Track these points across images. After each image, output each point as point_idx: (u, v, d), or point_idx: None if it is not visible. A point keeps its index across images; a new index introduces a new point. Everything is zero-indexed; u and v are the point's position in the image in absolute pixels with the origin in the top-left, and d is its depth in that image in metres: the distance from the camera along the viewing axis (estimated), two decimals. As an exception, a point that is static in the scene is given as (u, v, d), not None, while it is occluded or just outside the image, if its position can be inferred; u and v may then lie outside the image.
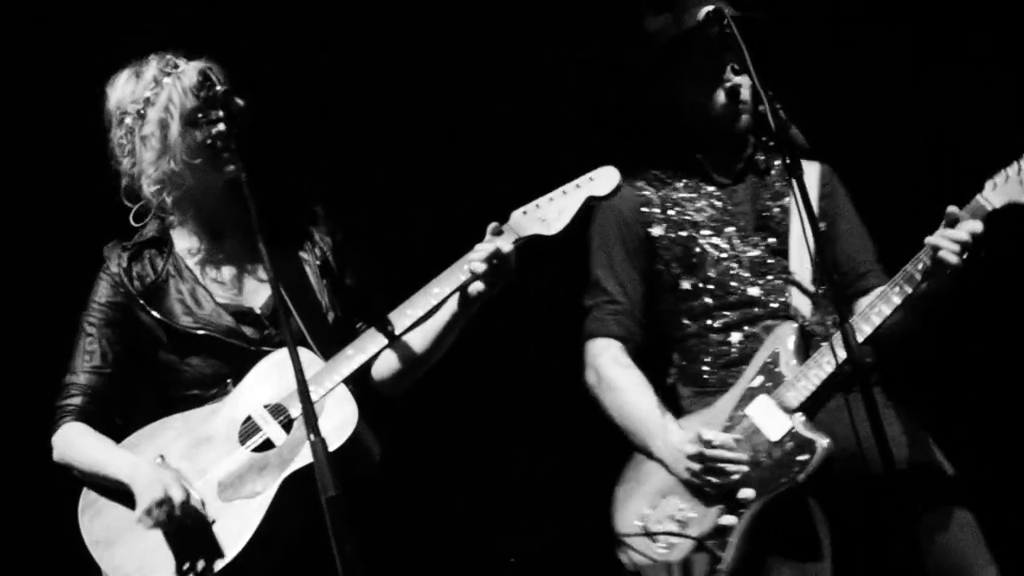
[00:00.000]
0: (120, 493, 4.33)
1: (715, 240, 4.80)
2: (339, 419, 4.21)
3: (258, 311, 4.46)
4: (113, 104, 4.47)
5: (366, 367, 4.34)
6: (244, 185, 4.02)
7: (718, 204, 4.84)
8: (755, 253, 4.79)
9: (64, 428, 4.46)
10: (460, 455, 5.95)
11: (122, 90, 4.46)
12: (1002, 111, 5.82)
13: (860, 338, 4.52)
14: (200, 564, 4.20)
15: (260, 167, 4.36)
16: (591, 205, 4.38)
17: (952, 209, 4.56)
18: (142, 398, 4.52)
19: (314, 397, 4.12)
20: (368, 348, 4.30)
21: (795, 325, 4.71)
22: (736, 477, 4.54)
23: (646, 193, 4.85)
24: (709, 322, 4.78)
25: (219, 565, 4.19)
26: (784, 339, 4.69)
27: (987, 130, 5.71)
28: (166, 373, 4.46)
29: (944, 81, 5.89)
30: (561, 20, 5.87)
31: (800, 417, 4.58)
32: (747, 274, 4.77)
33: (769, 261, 4.80)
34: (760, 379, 4.67)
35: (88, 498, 4.40)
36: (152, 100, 4.40)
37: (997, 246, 4.60)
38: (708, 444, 4.57)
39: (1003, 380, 6.10)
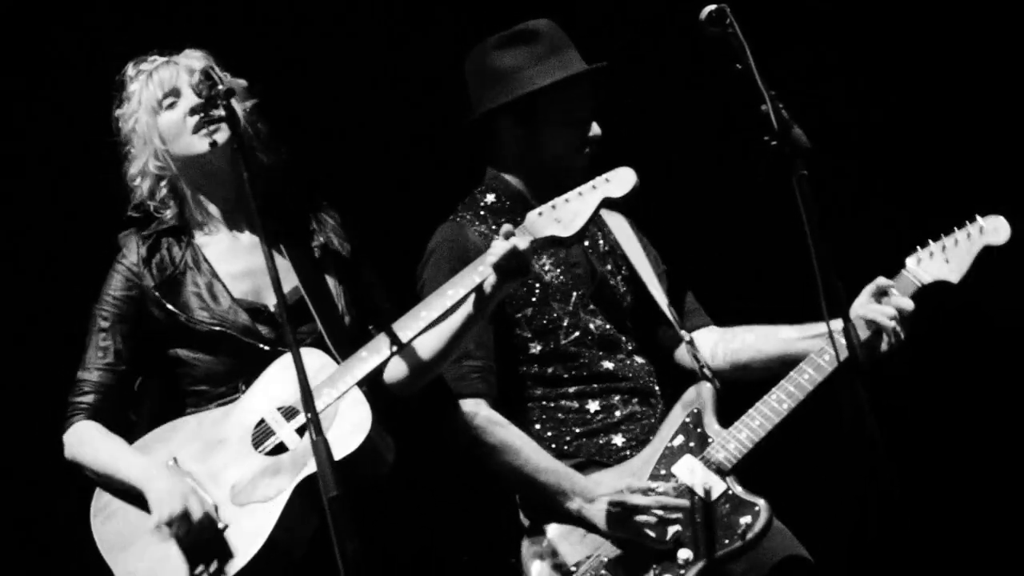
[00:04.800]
0: (133, 496, 4.30)
1: (564, 306, 4.70)
2: (353, 422, 4.18)
3: (272, 308, 4.43)
4: (113, 121, 4.55)
5: (380, 369, 4.31)
6: (235, 154, 4.09)
7: (560, 266, 4.74)
8: (599, 324, 4.71)
9: (76, 426, 4.43)
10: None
11: (116, 107, 4.54)
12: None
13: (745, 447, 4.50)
14: (213, 569, 4.17)
15: (277, 173, 4.42)
16: (602, 207, 4.32)
17: (881, 280, 4.59)
18: (149, 389, 4.50)
19: (328, 399, 4.16)
20: (383, 350, 4.26)
21: (711, 386, 4.64)
22: (678, 529, 4.39)
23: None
24: (560, 389, 4.66)
25: (232, 570, 4.15)
26: (703, 399, 4.61)
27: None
28: (176, 366, 4.44)
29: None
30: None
31: (732, 478, 4.48)
32: (597, 349, 4.69)
33: (616, 334, 4.73)
34: (681, 438, 4.56)
35: (100, 501, 4.37)
36: (128, 98, 4.48)
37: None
38: (647, 493, 4.41)
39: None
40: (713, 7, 4.00)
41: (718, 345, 4.86)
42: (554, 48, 4.77)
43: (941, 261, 4.67)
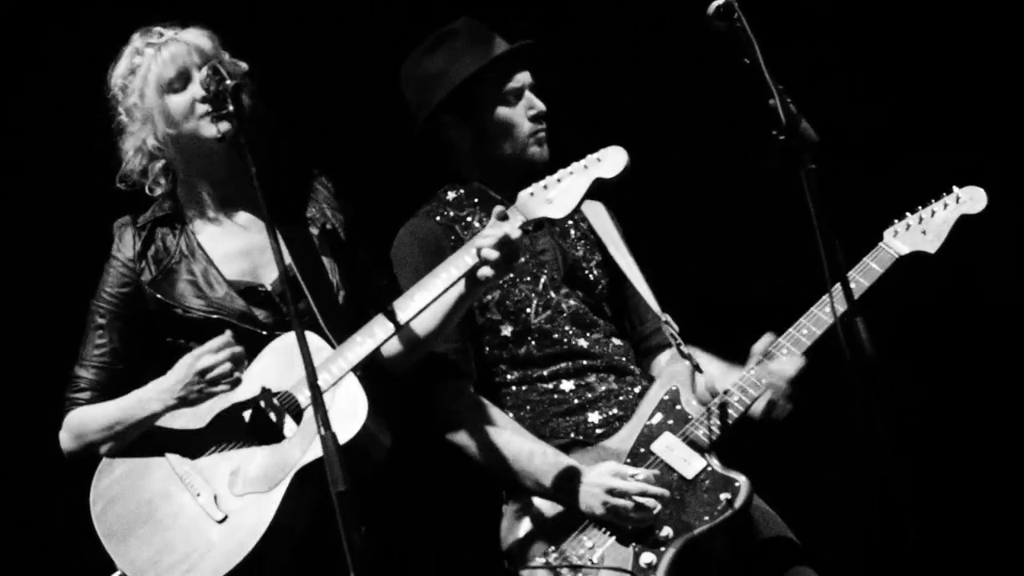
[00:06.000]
0: (143, 447, 4.31)
1: (532, 287, 4.73)
2: (349, 409, 4.18)
3: (268, 287, 4.43)
4: (110, 86, 4.51)
5: (375, 353, 4.31)
6: (242, 148, 4.05)
7: (525, 252, 4.73)
8: (573, 304, 4.75)
9: (69, 416, 4.44)
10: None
11: (116, 70, 4.50)
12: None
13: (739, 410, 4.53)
14: (215, 559, 4.17)
15: (270, 146, 4.41)
16: (596, 187, 4.32)
17: (762, 344, 4.59)
18: (146, 379, 4.47)
19: (323, 385, 4.12)
20: (377, 334, 4.27)
21: (688, 364, 4.67)
22: (656, 511, 4.42)
23: (457, 228, 4.76)
24: (535, 371, 4.70)
25: (235, 559, 4.15)
26: (681, 377, 4.64)
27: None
28: (175, 355, 4.41)
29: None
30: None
31: (712, 455, 4.51)
32: (570, 327, 4.72)
33: (591, 315, 4.76)
34: (660, 416, 4.59)
35: (98, 487, 4.37)
36: (134, 71, 4.45)
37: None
38: (627, 478, 4.44)
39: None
40: (721, 1, 4.00)
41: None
42: (473, 40, 4.84)
43: (918, 232, 4.71)
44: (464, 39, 4.83)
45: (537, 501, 4.53)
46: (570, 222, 4.89)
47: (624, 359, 4.77)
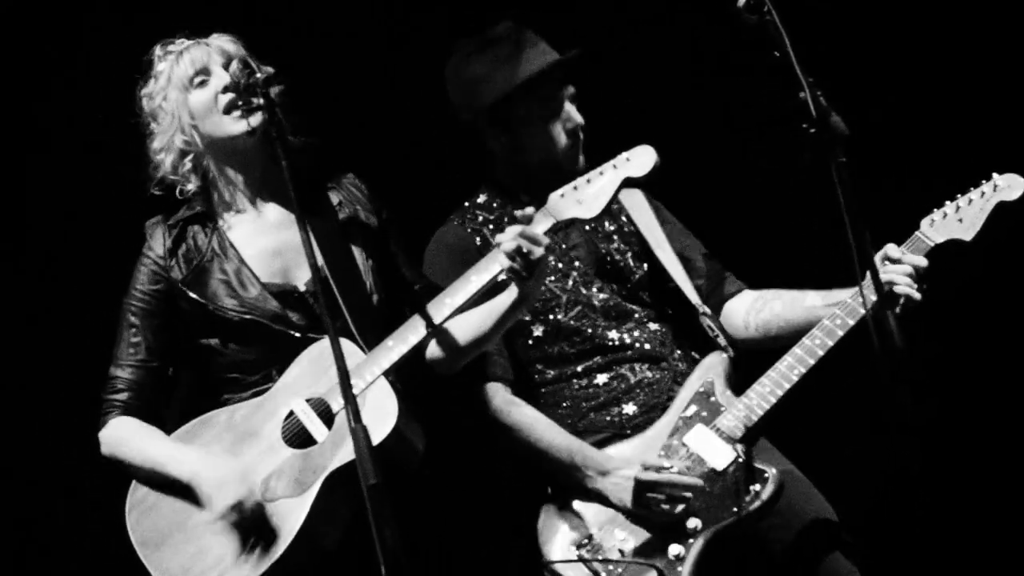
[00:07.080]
0: (173, 488, 4.30)
1: (561, 285, 4.77)
2: (380, 413, 4.18)
3: (303, 288, 4.42)
4: (140, 103, 4.53)
5: (408, 358, 4.30)
6: (273, 140, 4.08)
7: (554, 250, 4.74)
8: (604, 297, 4.78)
9: (112, 424, 4.43)
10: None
11: (143, 87, 4.52)
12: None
13: (772, 400, 4.56)
14: (246, 564, 4.17)
15: (303, 147, 4.41)
16: (625, 186, 4.35)
17: (891, 247, 4.62)
18: (180, 379, 4.50)
19: (355, 390, 4.07)
20: (409, 339, 4.27)
21: (725, 356, 4.72)
22: (685, 504, 4.48)
23: (485, 232, 4.79)
24: (569, 367, 4.74)
25: (265, 564, 4.15)
26: (717, 369, 4.69)
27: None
28: (207, 356, 4.43)
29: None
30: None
31: (743, 447, 4.55)
32: (602, 320, 4.75)
33: (625, 305, 4.79)
34: (694, 408, 4.64)
35: (135, 496, 4.36)
36: (156, 77, 4.47)
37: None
38: (659, 471, 4.51)
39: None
40: (745, -5, 4.01)
41: (749, 315, 4.92)
42: (518, 47, 4.85)
43: (954, 221, 4.72)
44: (509, 46, 4.85)
45: (575, 496, 4.57)
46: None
47: (659, 345, 4.79)
